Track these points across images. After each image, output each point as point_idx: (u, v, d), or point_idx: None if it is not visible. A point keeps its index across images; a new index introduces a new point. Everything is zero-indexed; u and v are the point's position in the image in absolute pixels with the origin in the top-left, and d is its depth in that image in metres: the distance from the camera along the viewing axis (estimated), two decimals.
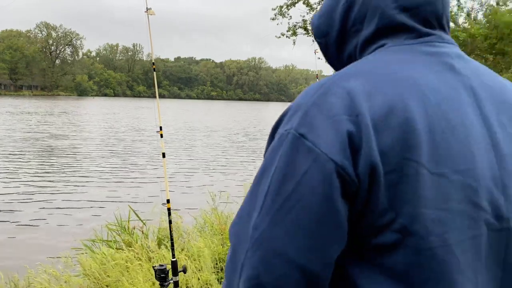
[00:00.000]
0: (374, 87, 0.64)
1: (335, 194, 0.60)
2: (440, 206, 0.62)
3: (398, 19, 0.73)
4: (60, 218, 7.03)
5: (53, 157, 13.42)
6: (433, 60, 0.72)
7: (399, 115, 0.62)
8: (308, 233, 0.60)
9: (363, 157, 0.60)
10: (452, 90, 0.69)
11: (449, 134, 0.64)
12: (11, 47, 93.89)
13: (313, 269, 0.60)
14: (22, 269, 3.37)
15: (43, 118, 30.18)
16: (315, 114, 0.63)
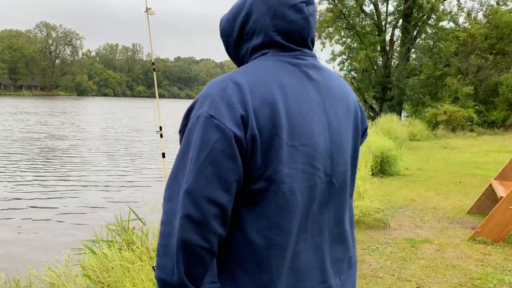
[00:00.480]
0: (255, 85, 0.97)
1: (236, 152, 0.93)
2: (291, 166, 0.98)
3: (275, 38, 1.06)
4: (60, 218, 7.03)
5: (53, 157, 13.42)
6: (295, 69, 1.05)
7: (269, 106, 0.96)
8: (220, 179, 0.92)
9: (249, 131, 0.94)
10: (305, 90, 1.04)
11: (300, 120, 1.00)
12: (11, 47, 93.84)
13: (224, 203, 0.93)
14: (22, 269, 3.37)
15: (43, 118, 30.17)
16: (219, 102, 0.95)
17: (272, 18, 1.05)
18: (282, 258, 1.00)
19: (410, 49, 24.78)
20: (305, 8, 1.06)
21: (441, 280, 3.55)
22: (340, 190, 1.11)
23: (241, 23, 1.10)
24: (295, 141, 0.99)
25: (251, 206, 0.98)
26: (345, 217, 1.16)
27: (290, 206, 0.99)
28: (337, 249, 1.12)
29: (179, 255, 0.92)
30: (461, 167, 10.04)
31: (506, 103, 21.28)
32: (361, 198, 5.53)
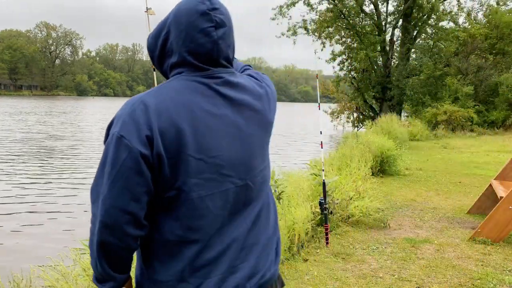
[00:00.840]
0: (162, 107, 1.12)
1: (143, 168, 1.09)
2: (199, 176, 1.14)
3: (188, 58, 1.20)
4: (60, 217, 7.04)
5: (52, 157, 13.42)
6: (205, 88, 1.19)
7: (175, 126, 1.11)
8: (130, 191, 1.09)
9: (155, 149, 1.09)
10: (215, 107, 1.18)
11: (207, 136, 1.14)
12: (10, 47, 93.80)
13: (134, 211, 1.10)
14: (23, 269, 3.37)
15: (42, 118, 30.17)
16: (128, 123, 1.10)
17: (184, 41, 1.19)
18: (193, 251, 1.17)
19: (410, 49, 24.76)
20: (213, 32, 1.19)
21: (441, 280, 3.55)
22: (259, 188, 1.28)
23: (162, 41, 1.25)
24: (202, 154, 1.14)
25: (166, 211, 1.17)
26: (265, 208, 1.31)
27: (200, 209, 1.16)
28: (253, 236, 1.26)
29: (99, 253, 1.14)
30: (461, 167, 10.04)
31: (506, 103, 21.28)
32: (361, 198, 5.53)
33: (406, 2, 23.72)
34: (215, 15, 1.19)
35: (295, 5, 24.42)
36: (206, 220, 1.17)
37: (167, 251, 1.18)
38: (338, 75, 26.90)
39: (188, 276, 1.18)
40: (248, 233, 1.25)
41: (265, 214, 1.31)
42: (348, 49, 25.91)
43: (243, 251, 1.24)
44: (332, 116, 28.28)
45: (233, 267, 1.22)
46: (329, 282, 3.50)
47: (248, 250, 1.25)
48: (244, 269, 1.23)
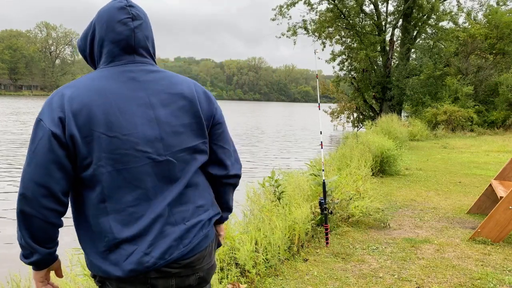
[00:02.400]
0: (76, 94, 1.29)
1: (55, 147, 1.24)
2: (113, 151, 1.28)
3: (109, 47, 1.38)
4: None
5: None
6: (121, 75, 1.35)
7: (86, 109, 1.26)
8: (44, 167, 1.24)
9: (67, 130, 1.25)
10: (129, 91, 1.33)
11: (120, 116, 1.29)
12: (10, 47, 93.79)
13: (48, 185, 1.25)
14: (23, 269, 3.37)
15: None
16: (46, 108, 1.29)
17: (106, 31, 1.37)
18: (116, 222, 1.30)
19: (410, 49, 24.76)
20: (130, 22, 1.38)
21: (441, 280, 3.55)
22: (181, 163, 1.38)
23: (90, 41, 1.44)
24: (115, 132, 1.28)
25: (88, 188, 1.31)
26: (187, 181, 1.40)
27: (118, 181, 1.29)
28: (180, 202, 1.38)
29: (20, 223, 1.29)
30: (461, 167, 10.04)
31: (506, 103, 21.28)
32: (361, 198, 5.53)
33: (406, 2, 23.72)
34: (131, 10, 1.39)
35: (295, 5, 24.43)
36: (126, 191, 1.30)
37: (95, 223, 1.31)
38: (338, 75, 26.90)
39: (118, 244, 1.30)
40: (171, 209, 1.36)
41: (192, 192, 1.42)
42: (348, 49, 25.91)
43: (167, 221, 1.35)
44: (332, 116, 28.27)
45: (154, 242, 1.32)
46: (329, 282, 3.50)
47: (172, 224, 1.35)
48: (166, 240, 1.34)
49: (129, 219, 1.31)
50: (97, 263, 1.33)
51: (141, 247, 1.30)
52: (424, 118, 20.61)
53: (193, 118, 1.42)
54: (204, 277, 1.45)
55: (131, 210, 1.31)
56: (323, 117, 25.15)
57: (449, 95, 21.73)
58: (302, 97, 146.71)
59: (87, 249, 1.36)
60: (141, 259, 1.30)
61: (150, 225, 1.32)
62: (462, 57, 23.29)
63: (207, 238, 1.43)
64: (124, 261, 1.30)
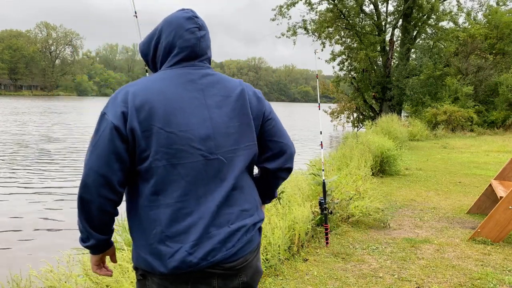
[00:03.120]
0: (139, 91, 1.39)
1: (115, 139, 1.34)
2: (170, 146, 1.36)
3: (176, 52, 1.48)
4: (60, 217, 7.03)
5: (52, 157, 13.42)
6: (180, 76, 1.46)
7: (148, 105, 1.36)
8: (104, 157, 1.34)
9: (128, 123, 1.34)
10: (188, 92, 1.43)
11: (177, 113, 1.38)
12: (10, 47, 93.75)
13: (107, 175, 1.34)
14: (23, 269, 3.37)
15: (41, 118, 30.17)
16: (111, 103, 1.39)
17: (173, 37, 1.48)
18: (167, 215, 1.36)
19: (410, 49, 24.76)
20: (197, 31, 1.50)
21: (441, 280, 3.55)
22: (230, 163, 1.45)
23: (154, 47, 1.54)
24: (173, 128, 1.36)
25: (143, 180, 1.38)
26: (236, 182, 1.46)
27: (172, 176, 1.36)
28: (227, 204, 1.43)
29: (80, 209, 1.39)
30: (461, 167, 10.04)
31: (506, 103, 21.28)
32: (361, 198, 5.53)
33: (406, 2, 23.72)
34: (197, 21, 1.51)
35: (295, 5, 24.43)
36: (178, 186, 1.37)
37: (146, 216, 1.38)
38: (338, 75, 26.89)
39: (165, 239, 1.35)
40: (218, 210, 1.41)
41: (238, 195, 1.47)
42: (348, 49, 25.91)
43: (213, 222, 1.39)
44: (332, 116, 28.26)
45: (199, 242, 1.36)
46: (329, 282, 3.50)
47: (217, 226, 1.40)
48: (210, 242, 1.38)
49: (178, 214, 1.37)
50: (143, 256, 1.38)
51: (185, 246, 1.35)
52: (424, 118, 20.61)
53: (245, 119, 1.49)
54: (248, 282, 1.46)
55: (180, 206, 1.37)
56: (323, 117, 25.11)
57: (449, 95, 21.73)
58: (302, 97, 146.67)
59: (135, 240, 1.42)
60: (185, 258, 1.34)
61: (196, 224, 1.37)
62: (462, 57, 23.28)
63: (251, 243, 1.46)
64: (168, 258, 1.34)
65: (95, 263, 1.52)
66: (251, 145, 1.51)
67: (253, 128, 1.51)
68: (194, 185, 1.38)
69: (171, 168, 1.36)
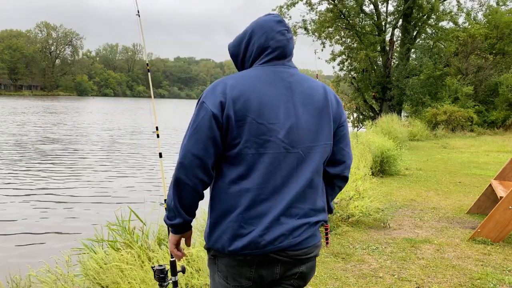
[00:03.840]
0: (237, 84, 1.51)
1: (213, 126, 1.46)
2: (259, 136, 1.47)
3: (268, 52, 1.60)
4: (60, 218, 7.03)
5: (51, 158, 13.42)
6: (273, 74, 1.57)
7: (244, 97, 1.48)
8: (202, 142, 1.47)
9: (225, 112, 1.46)
10: (278, 88, 1.55)
11: (269, 107, 1.50)
12: (10, 47, 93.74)
13: (203, 158, 1.47)
14: (23, 269, 3.37)
15: (41, 119, 30.17)
16: (210, 93, 1.51)
17: (266, 39, 1.60)
18: (248, 199, 1.48)
19: (410, 49, 24.75)
20: (287, 33, 1.63)
21: (441, 280, 3.55)
22: (307, 159, 1.55)
23: (244, 48, 1.66)
24: (263, 120, 1.48)
25: (230, 165, 1.50)
26: (311, 177, 1.56)
27: (257, 163, 1.48)
28: (300, 199, 1.53)
29: (174, 188, 1.51)
30: (461, 167, 10.03)
31: (506, 103, 21.27)
32: (361, 198, 5.53)
33: (406, 2, 23.71)
34: (285, 24, 1.65)
35: (295, 5, 24.42)
36: (260, 174, 1.48)
37: (228, 198, 1.50)
38: (338, 75, 26.88)
39: (242, 221, 1.47)
40: (292, 203, 1.51)
41: (311, 194, 1.57)
42: (348, 49, 25.89)
43: (285, 212, 1.51)
44: None
45: (270, 226, 1.48)
46: (329, 282, 3.50)
47: (287, 216, 1.51)
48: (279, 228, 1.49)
49: (256, 199, 1.48)
50: (218, 235, 1.50)
51: (258, 229, 1.47)
52: (424, 118, 20.60)
53: (325, 119, 1.60)
54: (305, 274, 1.59)
55: (259, 192, 1.48)
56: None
57: (449, 95, 21.72)
58: None
59: (213, 221, 1.53)
60: (255, 239, 1.46)
61: (270, 211, 1.48)
62: (462, 57, 23.27)
63: (315, 237, 1.58)
64: (240, 239, 1.46)
65: (174, 242, 1.63)
66: (328, 144, 1.61)
67: (331, 128, 1.61)
68: (274, 175, 1.49)
69: (258, 156, 1.48)
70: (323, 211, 1.62)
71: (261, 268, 1.50)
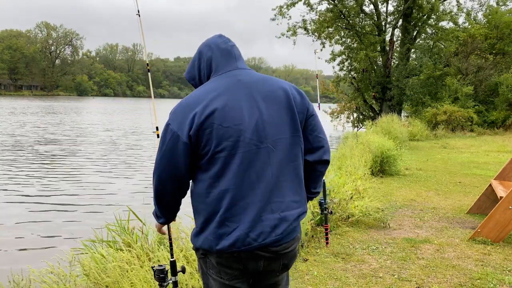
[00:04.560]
0: (199, 97, 1.63)
1: (180, 146, 1.58)
2: (227, 139, 1.57)
3: (218, 62, 1.74)
4: (59, 218, 7.04)
5: (52, 158, 13.42)
6: (229, 79, 1.68)
7: (208, 108, 1.58)
8: (171, 162, 1.61)
9: (193, 129, 1.57)
10: (238, 90, 1.64)
11: (231, 110, 1.59)
12: (11, 47, 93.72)
13: (176, 174, 1.62)
14: (23, 269, 3.37)
15: (41, 119, 30.17)
16: (173, 115, 1.64)
17: (212, 51, 1.75)
18: (228, 200, 1.57)
19: (410, 49, 24.73)
20: (228, 42, 1.78)
21: (441, 280, 3.55)
22: (279, 151, 1.64)
23: (198, 67, 1.79)
24: (229, 123, 1.57)
25: (204, 172, 1.61)
26: (284, 168, 1.65)
27: (230, 165, 1.57)
28: (277, 191, 1.62)
29: (155, 199, 1.72)
30: (461, 167, 10.04)
31: (506, 103, 21.26)
32: (360, 197, 5.53)
33: (406, 2, 23.70)
34: (224, 36, 1.81)
35: (295, 5, 24.41)
36: (235, 173, 1.57)
37: (209, 203, 1.59)
38: (338, 75, 26.86)
39: (225, 220, 1.57)
40: (271, 197, 1.61)
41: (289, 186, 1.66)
42: (348, 49, 25.88)
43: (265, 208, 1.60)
44: (332, 116, 28.24)
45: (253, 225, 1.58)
46: (329, 282, 3.50)
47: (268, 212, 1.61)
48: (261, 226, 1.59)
49: (236, 198, 1.57)
50: (205, 236, 1.61)
51: (241, 227, 1.57)
52: (424, 118, 20.59)
53: (289, 113, 1.68)
54: (287, 264, 1.71)
55: (237, 191, 1.57)
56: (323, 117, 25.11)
57: (449, 95, 21.71)
58: None
59: (198, 223, 1.65)
60: (240, 237, 1.56)
61: (250, 207, 1.58)
62: (462, 57, 23.26)
63: (294, 232, 1.67)
64: (225, 237, 1.57)
65: (159, 228, 1.87)
66: (297, 136, 1.69)
67: (297, 121, 1.69)
68: (248, 172, 1.58)
69: (230, 158, 1.57)
70: (304, 201, 1.72)
71: (247, 263, 1.62)
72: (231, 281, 1.65)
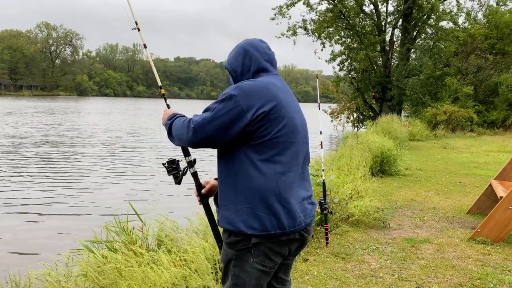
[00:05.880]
0: (263, 87, 1.79)
1: (240, 121, 1.72)
2: (287, 127, 1.78)
3: (265, 64, 1.95)
4: (59, 219, 7.03)
5: (51, 158, 13.42)
6: (280, 80, 1.91)
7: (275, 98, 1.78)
8: (221, 128, 1.72)
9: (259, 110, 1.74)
10: (286, 90, 1.89)
11: (288, 105, 1.82)
12: (11, 47, 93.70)
13: (218, 139, 1.75)
14: (22, 269, 3.37)
15: (41, 119, 30.17)
16: (242, 92, 1.76)
17: (261, 55, 1.94)
18: (282, 182, 1.73)
19: (410, 49, 24.74)
20: (271, 50, 2.00)
21: (441, 280, 3.55)
22: (306, 150, 1.92)
23: (241, 62, 1.93)
24: (290, 114, 1.80)
25: (258, 153, 1.73)
26: (306, 165, 1.93)
27: (287, 150, 1.76)
28: (307, 183, 1.90)
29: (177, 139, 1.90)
30: (461, 167, 10.03)
31: (506, 103, 21.27)
32: (360, 197, 5.53)
33: (406, 2, 23.71)
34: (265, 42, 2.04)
35: (295, 5, 24.41)
36: (288, 161, 1.77)
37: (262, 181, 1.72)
38: (338, 75, 26.86)
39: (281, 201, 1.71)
40: (306, 187, 1.88)
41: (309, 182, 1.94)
42: (348, 49, 25.88)
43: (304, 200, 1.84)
44: (332, 116, 28.23)
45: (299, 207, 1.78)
46: (329, 282, 3.50)
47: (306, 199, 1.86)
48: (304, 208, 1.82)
49: (288, 182, 1.75)
50: (258, 215, 1.70)
51: (295, 207, 1.75)
52: (424, 118, 20.60)
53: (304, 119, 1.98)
54: (306, 243, 1.92)
55: (290, 174, 1.76)
56: (323, 117, 25.10)
57: (449, 95, 21.71)
58: (302, 97, 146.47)
59: (246, 204, 1.72)
60: (297, 218, 1.74)
61: (297, 191, 1.79)
62: (462, 57, 23.26)
63: (313, 217, 1.91)
64: (284, 218, 1.70)
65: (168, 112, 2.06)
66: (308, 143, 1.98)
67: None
68: (297, 160, 1.81)
69: (288, 144, 1.77)
70: None
71: (292, 245, 1.80)
72: (271, 268, 1.76)
